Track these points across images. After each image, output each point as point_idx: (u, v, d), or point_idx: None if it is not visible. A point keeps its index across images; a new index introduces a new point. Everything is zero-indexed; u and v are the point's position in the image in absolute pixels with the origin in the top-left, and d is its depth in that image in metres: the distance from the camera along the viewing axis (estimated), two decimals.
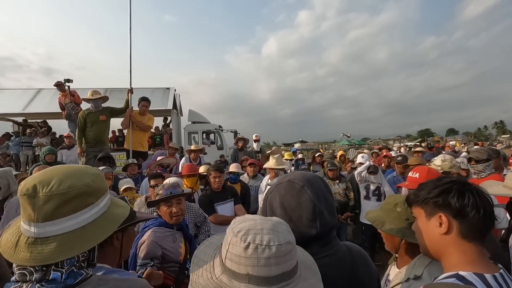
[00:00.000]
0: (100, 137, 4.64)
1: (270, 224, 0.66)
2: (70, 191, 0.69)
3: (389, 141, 42.79)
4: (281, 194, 0.89)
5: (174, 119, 9.57)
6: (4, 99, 8.82)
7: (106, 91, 8.24)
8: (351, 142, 23.31)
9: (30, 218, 0.68)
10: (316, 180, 0.91)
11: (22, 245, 0.67)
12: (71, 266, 0.69)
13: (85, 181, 0.72)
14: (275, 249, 0.61)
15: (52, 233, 0.68)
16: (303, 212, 0.85)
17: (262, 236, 0.63)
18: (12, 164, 8.09)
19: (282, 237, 0.63)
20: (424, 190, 0.86)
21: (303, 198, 0.86)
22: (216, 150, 10.21)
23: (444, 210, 0.80)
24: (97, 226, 0.73)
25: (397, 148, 15.18)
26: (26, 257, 0.66)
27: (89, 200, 0.73)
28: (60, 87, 6.63)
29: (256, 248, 0.61)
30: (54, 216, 0.68)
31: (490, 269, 0.74)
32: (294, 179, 0.89)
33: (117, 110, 4.77)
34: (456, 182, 0.82)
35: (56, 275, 0.67)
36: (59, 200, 0.68)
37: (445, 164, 2.65)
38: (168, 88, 9.70)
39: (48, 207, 0.67)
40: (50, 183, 0.68)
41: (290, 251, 0.63)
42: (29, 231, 0.68)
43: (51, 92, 9.18)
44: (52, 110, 8.46)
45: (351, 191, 4.18)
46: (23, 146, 8.62)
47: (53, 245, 0.67)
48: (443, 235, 0.80)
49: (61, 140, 9.46)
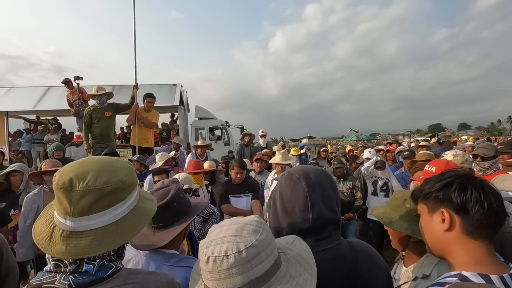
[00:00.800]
0: (106, 133, 4.69)
1: (234, 229, 0.63)
2: (106, 186, 0.69)
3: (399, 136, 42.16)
4: (281, 185, 0.92)
5: (181, 115, 9.62)
6: (15, 97, 9.00)
7: (114, 88, 8.34)
8: (360, 138, 23.05)
9: (66, 211, 0.68)
10: (317, 173, 0.91)
11: (57, 238, 0.68)
12: (103, 259, 0.71)
13: (119, 177, 0.72)
14: (232, 258, 0.57)
15: (87, 227, 0.68)
16: (296, 203, 0.85)
17: (221, 245, 0.59)
18: (24, 161, 8.30)
19: (243, 242, 0.59)
20: (428, 184, 0.82)
21: (297, 189, 0.87)
22: (223, 146, 10.24)
23: (445, 205, 0.76)
24: (129, 222, 0.74)
25: (407, 143, 14.89)
26: (62, 250, 0.66)
27: (122, 195, 0.73)
28: (68, 84, 6.71)
29: (215, 260, 0.58)
30: (89, 211, 0.68)
31: (498, 270, 0.68)
32: (293, 171, 0.92)
33: (123, 106, 4.80)
34: (459, 175, 0.77)
35: (89, 267, 0.69)
36: (95, 195, 0.68)
37: (457, 159, 2.56)
38: (174, 84, 9.73)
39: (84, 202, 0.67)
40: (86, 178, 0.68)
41: (257, 255, 0.59)
42: (65, 225, 0.68)
43: (61, 89, 9.32)
44: (62, 107, 8.59)
45: (358, 190, 3.98)
46: (34, 143, 8.81)
47: (88, 240, 0.68)
48: (446, 232, 0.75)
49: (71, 136, 9.64)
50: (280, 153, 3.81)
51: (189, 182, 2.52)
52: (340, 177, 4.04)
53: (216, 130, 11.09)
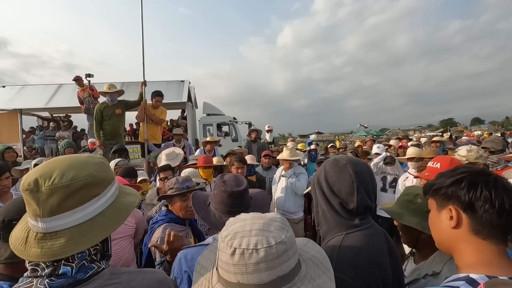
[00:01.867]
0: (117, 130, 4.76)
1: (260, 224, 0.61)
2: (73, 183, 0.66)
3: (409, 131, 41.43)
4: (326, 170, 1.01)
5: (189, 112, 9.67)
6: (28, 94, 9.20)
7: (123, 85, 8.43)
8: (369, 133, 22.76)
9: (35, 213, 0.66)
10: (360, 164, 1.01)
11: (32, 241, 0.67)
12: (82, 260, 0.68)
13: (88, 171, 0.69)
14: (263, 252, 0.55)
15: (60, 227, 0.66)
16: (343, 186, 0.94)
17: (249, 239, 0.57)
18: (37, 157, 8.53)
19: (273, 237, 0.58)
20: (439, 179, 0.79)
21: (344, 174, 0.96)
22: (231, 142, 10.26)
23: (453, 202, 0.73)
24: (106, 218, 0.72)
25: (416, 138, 14.60)
26: (37, 253, 0.65)
27: (95, 191, 0.70)
28: (78, 82, 6.83)
29: (243, 253, 0.56)
30: (60, 210, 0.66)
31: (508, 271, 0.65)
32: (339, 158, 1.01)
33: (132, 103, 4.85)
34: (471, 172, 0.74)
35: (66, 269, 0.66)
36: (63, 193, 0.65)
37: (471, 155, 2.50)
38: (182, 81, 9.77)
39: (52, 201, 0.65)
40: (52, 176, 0.66)
41: (285, 252, 0.57)
42: (37, 227, 0.67)
43: (71, 87, 9.49)
44: (73, 105, 8.77)
45: None
46: (47, 140, 9.05)
47: (63, 240, 0.66)
48: (454, 229, 0.73)
49: (82, 133, 9.85)
50: (288, 149, 3.80)
51: (197, 177, 2.52)
52: None
53: (224, 126, 11.12)
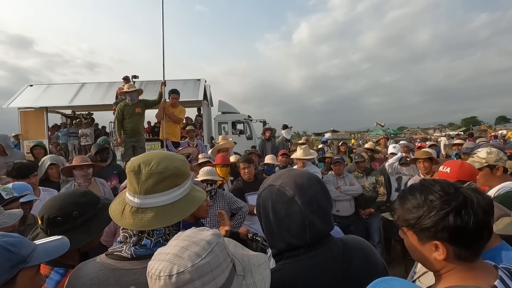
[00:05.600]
0: (137, 129, 4.93)
1: (179, 247, 0.60)
2: (165, 171, 0.82)
3: (429, 130, 40.05)
4: (273, 198, 0.86)
5: (204, 110, 9.81)
6: (52, 93, 9.65)
7: (141, 84, 8.67)
8: (386, 132, 22.21)
9: (135, 190, 0.83)
10: (311, 185, 0.86)
11: (127, 213, 0.83)
12: (158, 237, 0.84)
13: (176, 164, 0.86)
14: (162, 281, 0.55)
15: (150, 205, 0.82)
16: (292, 223, 0.82)
17: (160, 263, 0.57)
18: (62, 153, 8.97)
19: (177, 265, 0.56)
20: (413, 213, 0.75)
21: (292, 209, 0.82)
22: (246, 140, 10.34)
23: (440, 238, 0.71)
24: (182, 205, 0.86)
25: (434, 138, 14.05)
26: (130, 222, 0.81)
27: (178, 181, 0.86)
28: (126, 81, 7.34)
29: (151, 277, 0.58)
30: (153, 191, 0.82)
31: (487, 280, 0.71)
32: (285, 185, 0.85)
33: (151, 102, 5.01)
34: (446, 201, 0.71)
35: (147, 241, 0.83)
36: (157, 177, 0.81)
37: (491, 157, 2.42)
38: (198, 79, 9.91)
39: (149, 183, 0.81)
40: (151, 163, 0.82)
41: (189, 282, 0.55)
42: (133, 202, 0.83)
43: (93, 86, 9.91)
44: (95, 103, 9.18)
45: (381, 186, 3.85)
46: (70, 136, 9.49)
47: (150, 215, 0.81)
48: (440, 260, 0.74)
49: (103, 131, 10.24)
50: (301, 148, 3.82)
51: (214, 175, 2.56)
52: (363, 172, 3.95)
53: (238, 124, 11.21)
